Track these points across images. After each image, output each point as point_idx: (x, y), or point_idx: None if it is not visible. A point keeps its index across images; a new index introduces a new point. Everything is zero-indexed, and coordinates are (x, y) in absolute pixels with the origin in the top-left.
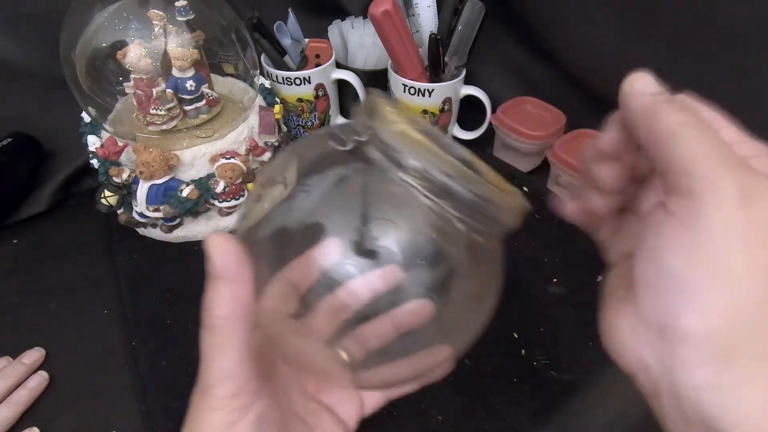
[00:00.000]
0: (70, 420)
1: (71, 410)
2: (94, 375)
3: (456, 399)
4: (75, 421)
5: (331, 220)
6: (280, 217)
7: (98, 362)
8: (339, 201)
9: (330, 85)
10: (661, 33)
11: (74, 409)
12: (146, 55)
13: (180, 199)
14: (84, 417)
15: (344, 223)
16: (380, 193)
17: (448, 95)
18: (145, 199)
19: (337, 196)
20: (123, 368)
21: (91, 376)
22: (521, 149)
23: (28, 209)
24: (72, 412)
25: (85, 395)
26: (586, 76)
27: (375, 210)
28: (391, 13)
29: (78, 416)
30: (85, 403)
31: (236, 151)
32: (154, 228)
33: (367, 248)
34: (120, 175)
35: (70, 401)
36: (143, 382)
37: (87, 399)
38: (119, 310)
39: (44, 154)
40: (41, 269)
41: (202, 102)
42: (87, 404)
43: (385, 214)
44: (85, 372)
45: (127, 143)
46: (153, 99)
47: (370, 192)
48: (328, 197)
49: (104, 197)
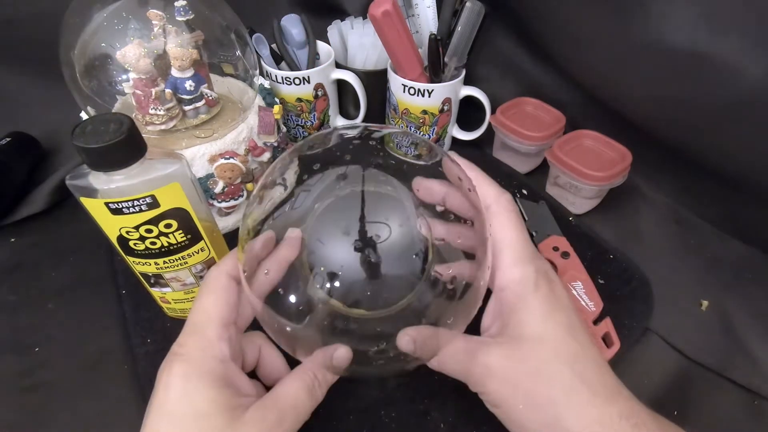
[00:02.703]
0: (69, 420)
1: (71, 410)
2: (94, 375)
3: (456, 399)
4: (75, 421)
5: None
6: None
7: (98, 362)
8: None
9: (329, 85)
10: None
11: (74, 409)
12: (145, 55)
13: None
14: (84, 417)
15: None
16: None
17: (447, 95)
18: None
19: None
20: (123, 368)
21: (91, 376)
22: (520, 150)
23: (26, 209)
24: (72, 412)
25: (85, 395)
26: (585, 76)
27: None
28: (391, 14)
29: (78, 416)
30: (84, 403)
31: (235, 152)
32: None
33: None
34: None
35: (70, 401)
36: (143, 382)
37: (87, 399)
38: (119, 310)
39: (43, 153)
40: (40, 269)
41: (202, 102)
42: (87, 404)
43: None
44: (85, 372)
45: None
46: (152, 99)
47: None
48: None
49: None
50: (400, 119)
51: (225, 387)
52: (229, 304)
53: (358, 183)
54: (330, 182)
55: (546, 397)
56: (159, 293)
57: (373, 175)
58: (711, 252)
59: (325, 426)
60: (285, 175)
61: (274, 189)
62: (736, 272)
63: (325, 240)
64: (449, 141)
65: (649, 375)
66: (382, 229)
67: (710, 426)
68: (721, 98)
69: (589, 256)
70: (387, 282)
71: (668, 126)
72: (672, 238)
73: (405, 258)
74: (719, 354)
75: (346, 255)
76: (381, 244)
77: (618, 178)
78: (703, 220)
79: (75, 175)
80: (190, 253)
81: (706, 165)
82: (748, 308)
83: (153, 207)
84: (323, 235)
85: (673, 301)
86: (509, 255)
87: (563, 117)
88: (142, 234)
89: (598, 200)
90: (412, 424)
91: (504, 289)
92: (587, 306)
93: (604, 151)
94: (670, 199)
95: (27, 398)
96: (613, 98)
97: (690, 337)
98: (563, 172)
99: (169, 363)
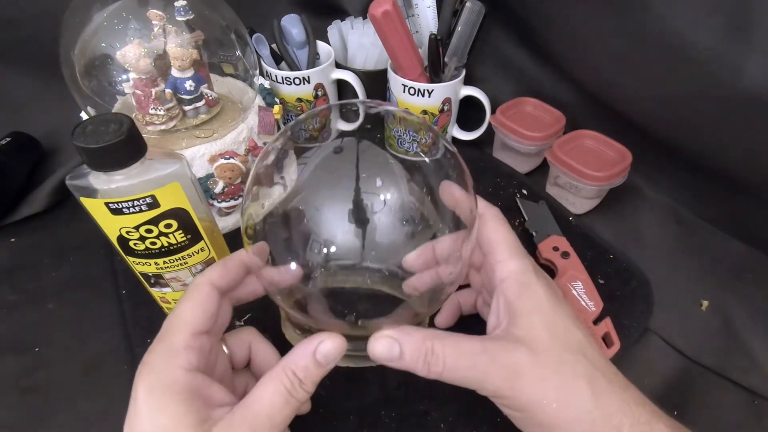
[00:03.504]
0: (69, 420)
1: (71, 410)
2: (94, 375)
3: (456, 399)
4: (75, 421)
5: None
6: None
7: (98, 362)
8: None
9: (329, 85)
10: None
11: (74, 409)
12: (145, 55)
13: None
14: (84, 417)
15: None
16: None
17: (447, 95)
18: None
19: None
20: (123, 368)
21: (91, 376)
22: (520, 150)
23: (26, 209)
24: (72, 412)
25: (85, 395)
26: (585, 76)
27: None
28: (391, 14)
29: (78, 416)
30: (84, 403)
31: (235, 152)
32: None
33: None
34: None
35: (70, 401)
36: None
37: (87, 399)
38: (119, 310)
39: (43, 153)
40: (40, 269)
41: (202, 102)
42: (86, 404)
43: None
44: (85, 372)
45: None
46: (152, 99)
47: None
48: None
49: None
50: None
51: (191, 399)
52: (206, 312)
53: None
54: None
55: (574, 390)
56: (159, 293)
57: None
58: (711, 252)
59: (325, 426)
60: (284, 174)
61: (273, 188)
62: (736, 272)
63: (321, 209)
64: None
65: (649, 375)
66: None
67: (710, 426)
68: (721, 98)
69: (589, 256)
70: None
71: (668, 126)
72: (672, 238)
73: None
74: (719, 354)
75: (342, 224)
76: (376, 214)
77: (618, 178)
78: (703, 220)
79: (75, 175)
80: (190, 253)
81: (706, 165)
82: (748, 308)
83: (153, 207)
84: (320, 205)
85: (673, 301)
86: (506, 249)
87: (563, 117)
88: (142, 234)
89: (598, 200)
90: (412, 424)
91: (506, 279)
92: (587, 306)
93: (604, 151)
94: (670, 199)
95: (27, 398)
96: (613, 98)
97: (690, 337)
98: (563, 172)
99: (138, 373)
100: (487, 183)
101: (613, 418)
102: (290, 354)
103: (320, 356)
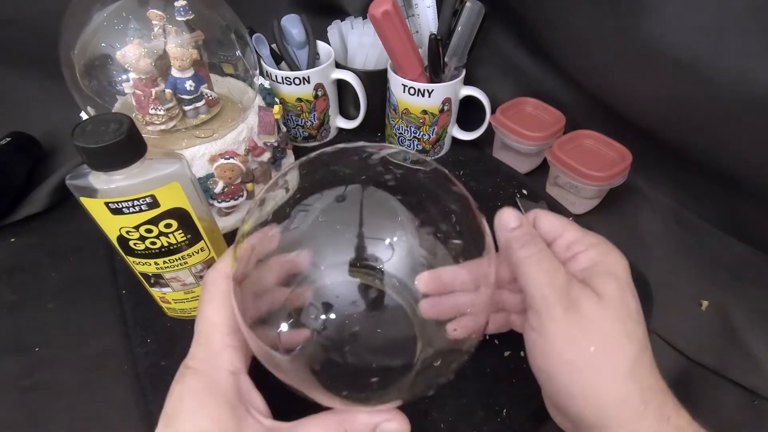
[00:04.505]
0: (69, 420)
1: (71, 410)
2: (94, 375)
3: (456, 399)
4: (74, 421)
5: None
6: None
7: (98, 362)
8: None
9: (329, 85)
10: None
11: (74, 409)
12: (145, 55)
13: None
14: (84, 417)
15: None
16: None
17: (447, 95)
18: None
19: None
20: (123, 368)
21: (91, 376)
22: (520, 150)
23: (26, 209)
24: (71, 412)
25: (85, 395)
26: (585, 76)
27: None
28: (391, 14)
29: (78, 416)
30: (84, 403)
31: (235, 152)
32: None
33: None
34: None
35: (70, 401)
36: (143, 382)
37: (87, 399)
38: (119, 310)
39: (43, 153)
40: (40, 269)
41: (202, 102)
42: (87, 404)
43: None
44: (85, 372)
45: None
46: (152, 99)
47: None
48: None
49: None
50: (400, 119)
51: (234, 405)
52: (231, 308)
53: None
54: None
55: (617, 339)
56: (159, 293)
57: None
58: (711, 252)
59: None
60: (287, 177)
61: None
62: (736, 272)
63: (322, 265)
64: (449, 141)
65: None
66: (383, 252)
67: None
68: (721, 98)
69: None
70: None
71: (668, 126)
72: (672, 238)
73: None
74: (719, 354)
75: (343, 283)
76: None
77: (618, 178)
78: (703, 220)
79: (75, 175)
80: (190, 253)
81: (706, 165)
82: (748, 308)
83: (153, 207)
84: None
85: (673, 301)
86: (581, 237)
87: (563, 117)
88: (142, 234)
89: (598, 200)
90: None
91: (597, 264)
92: None
93: (604, 151)
94: (670, 199)
95: (27, 398)
96: (613, 98)
97: (690, 337)
98: (563, 172)
99: (181, 376)
100: (487, 183)
101: (645, 393)
102: (351, 412)
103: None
